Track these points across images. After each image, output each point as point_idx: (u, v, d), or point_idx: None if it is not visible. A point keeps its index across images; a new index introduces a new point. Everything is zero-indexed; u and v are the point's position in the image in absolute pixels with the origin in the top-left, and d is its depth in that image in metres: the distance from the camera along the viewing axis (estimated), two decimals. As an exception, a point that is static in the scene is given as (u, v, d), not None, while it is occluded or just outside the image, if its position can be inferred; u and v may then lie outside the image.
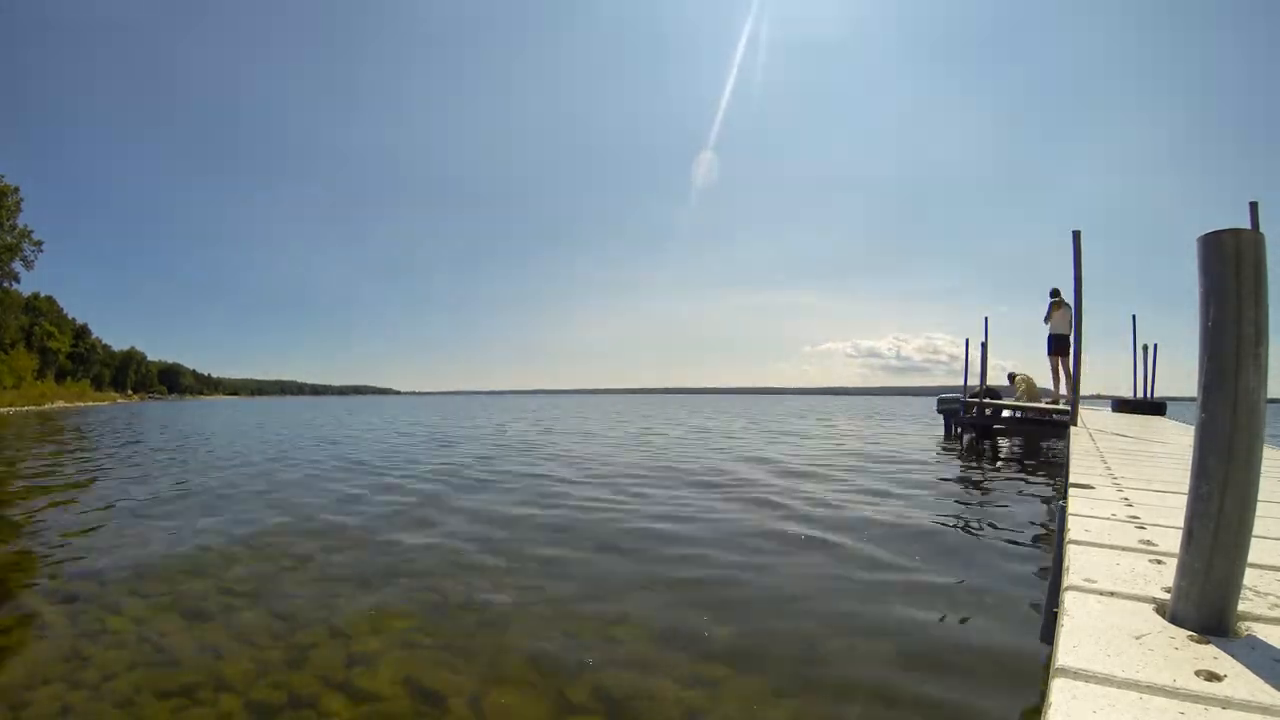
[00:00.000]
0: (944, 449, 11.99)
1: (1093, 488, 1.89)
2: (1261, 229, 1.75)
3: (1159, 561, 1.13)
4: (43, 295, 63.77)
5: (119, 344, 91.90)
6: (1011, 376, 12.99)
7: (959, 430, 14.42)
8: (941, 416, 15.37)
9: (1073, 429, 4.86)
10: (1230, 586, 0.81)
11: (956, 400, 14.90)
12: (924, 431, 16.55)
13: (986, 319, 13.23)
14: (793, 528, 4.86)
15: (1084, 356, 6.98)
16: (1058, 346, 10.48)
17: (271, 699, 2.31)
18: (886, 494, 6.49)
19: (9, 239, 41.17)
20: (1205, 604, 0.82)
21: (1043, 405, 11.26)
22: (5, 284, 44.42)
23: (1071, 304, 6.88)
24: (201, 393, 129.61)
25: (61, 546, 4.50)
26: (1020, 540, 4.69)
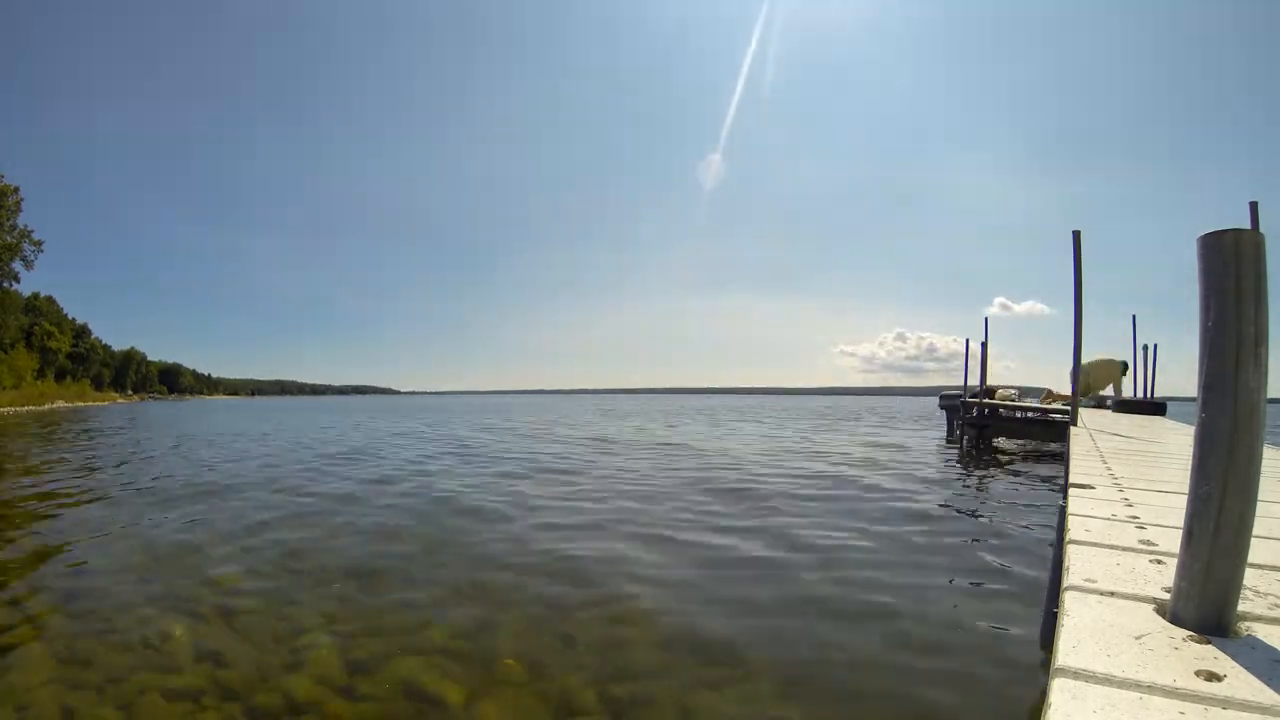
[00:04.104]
0: (946, 449, 11.96)
1: (1093, 488, 1.89)
2: (1261, 229, 1.75)
3: (1159, 561, 1.12)
4: (43, 295, 63.77)
5: (119, 344, 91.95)
6: (992, 391, 12.96)
7: (959, 427, 14.40)
8: (943, 414, 15.33)
9: (1073, 429, 4.86)
10: (1230, 586, 0.81)
11: (959, 396, 14.87)
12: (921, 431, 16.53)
13: (986, 319, 13.22)
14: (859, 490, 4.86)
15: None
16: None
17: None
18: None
19: (9, 239, 41.14)
20: (1205, 604, 0.82)
21: (1042, 405, 11.25)
22: (5, 284, 44.39)
23: (1072, 305, 6.88)
24: (201, 392, 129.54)
25: (62, 546, 4.50)
26: (1019, 539, 4.70)
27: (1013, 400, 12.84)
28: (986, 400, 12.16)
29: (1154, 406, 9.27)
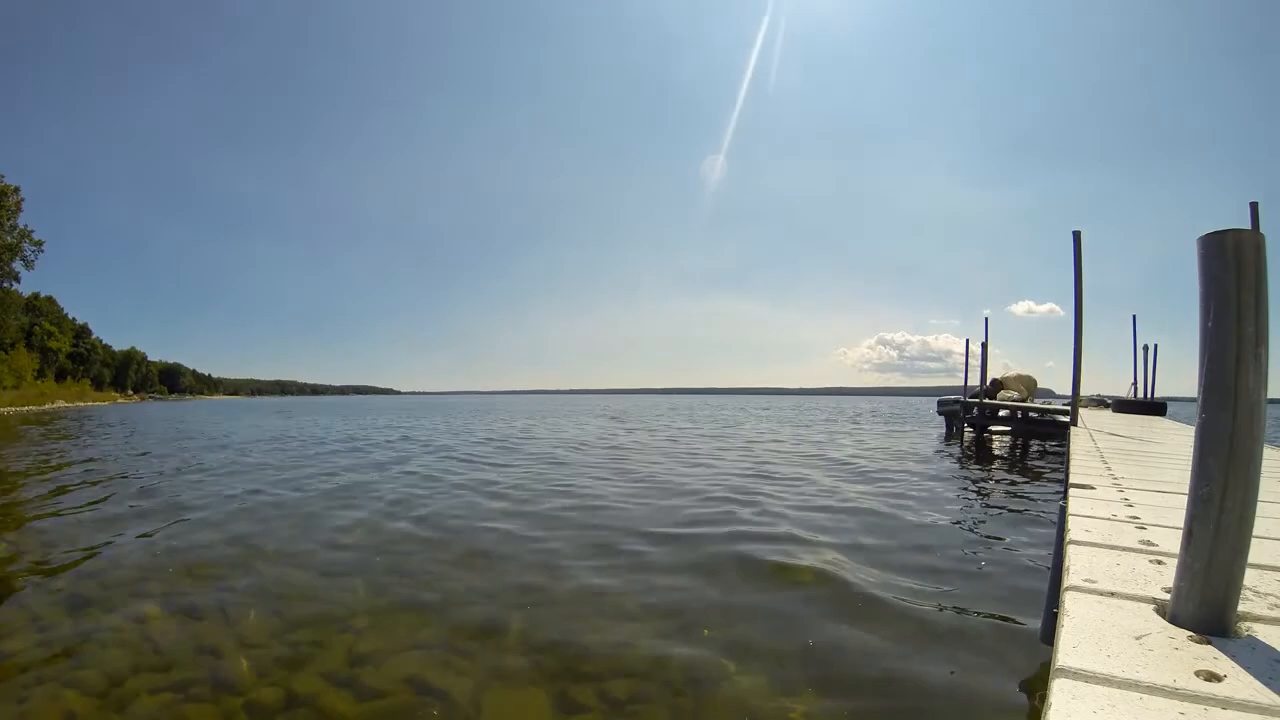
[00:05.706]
0: (942, 452, 11.94)
1: (1093, 488, 1.89)
2: (1261, 229, 1.75)
3: (1159, 562, 1.12)
4: (43, 295, 63.76)
5: (119, 344, 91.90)
6: (998, 384, 12.84)
7: (956, 431, 14.38)
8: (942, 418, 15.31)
9: (1073, 429, 4.86)
10: (1230, 587, 0.81)
11: (957, 402, 14.83)
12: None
13: (986, 319, 13.23)
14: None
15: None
16: None
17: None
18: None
19: (9, 239, 41.17)
20: (1205, 604, 0.82)
21: (1042, 405, 11.24)
22: (5, 284, 44.42)
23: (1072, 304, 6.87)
24: (202, 393, 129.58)
25: (62, 546, 4.50)
26: (1020, 539, 4.69)
27: (1014, 400, 12.81)
28: (986, 400, 12.15)
29: (1154, 406, 9.28)
